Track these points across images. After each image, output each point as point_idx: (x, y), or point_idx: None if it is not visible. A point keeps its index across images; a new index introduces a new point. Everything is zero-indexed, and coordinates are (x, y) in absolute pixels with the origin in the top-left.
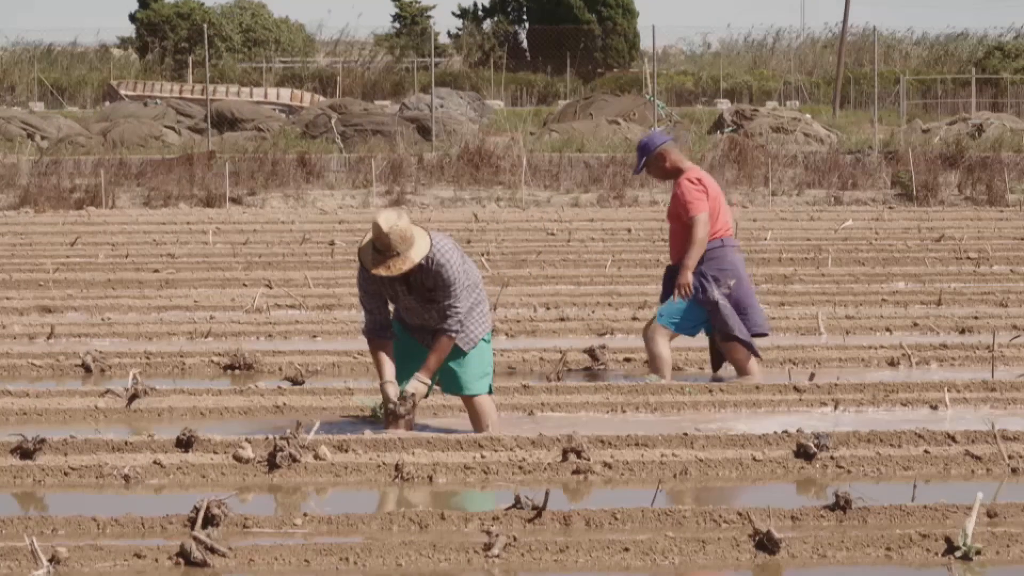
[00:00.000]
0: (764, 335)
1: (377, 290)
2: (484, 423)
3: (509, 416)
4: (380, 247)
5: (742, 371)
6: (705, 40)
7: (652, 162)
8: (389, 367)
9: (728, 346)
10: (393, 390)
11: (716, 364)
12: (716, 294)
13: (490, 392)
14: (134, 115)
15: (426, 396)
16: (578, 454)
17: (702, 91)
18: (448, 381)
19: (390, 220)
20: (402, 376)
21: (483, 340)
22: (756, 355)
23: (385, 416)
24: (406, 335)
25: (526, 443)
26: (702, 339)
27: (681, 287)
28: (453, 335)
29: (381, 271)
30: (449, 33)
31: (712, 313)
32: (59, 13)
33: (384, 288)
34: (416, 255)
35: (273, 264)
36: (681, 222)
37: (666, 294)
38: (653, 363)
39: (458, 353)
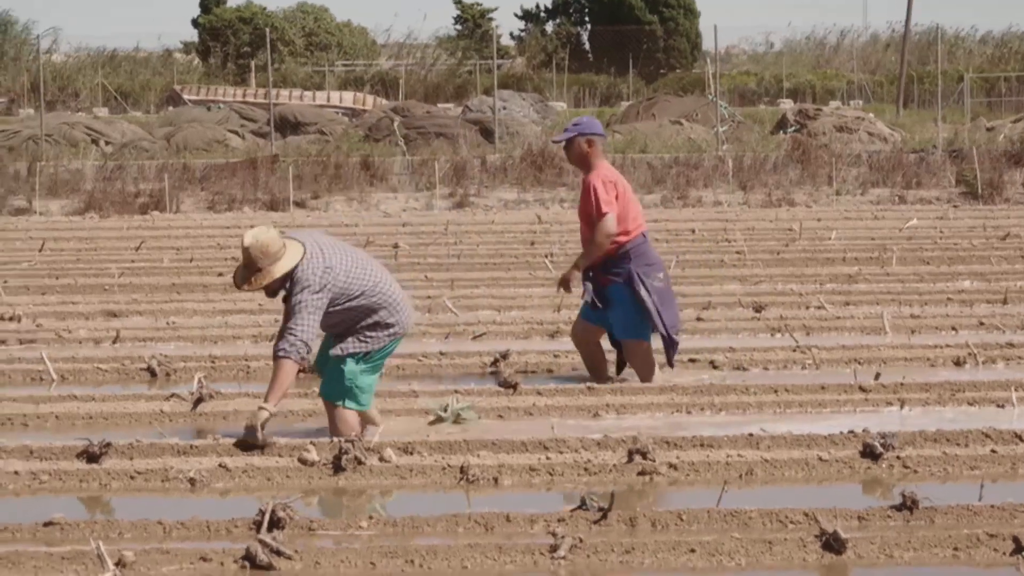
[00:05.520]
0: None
1: None
2: (331, 429)
3: (572, 418)
4: (245, 262)
5: (644, 377)
6: (767, 39)
7: (578, 143)
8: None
9: (629, 349)
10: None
11: (621, 365)
12: (643, 291)
13: (354, 407)
14: (197, 120)
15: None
16: (643, 455)
17: (765, 91)
18: None
19: (252, 235)
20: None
21: (351, 358)
22: (670, 359)
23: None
24: None
25: (591, 444)
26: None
27: (564, 282)
28: (279, 355)
29: (244, 287)
30: (512, 35)
31: (644, 310)
32: (122, 19)
33: None
34: (279, 270)
35: None
36: (591, 219)
37: (599, 296)
38: (646, 375)
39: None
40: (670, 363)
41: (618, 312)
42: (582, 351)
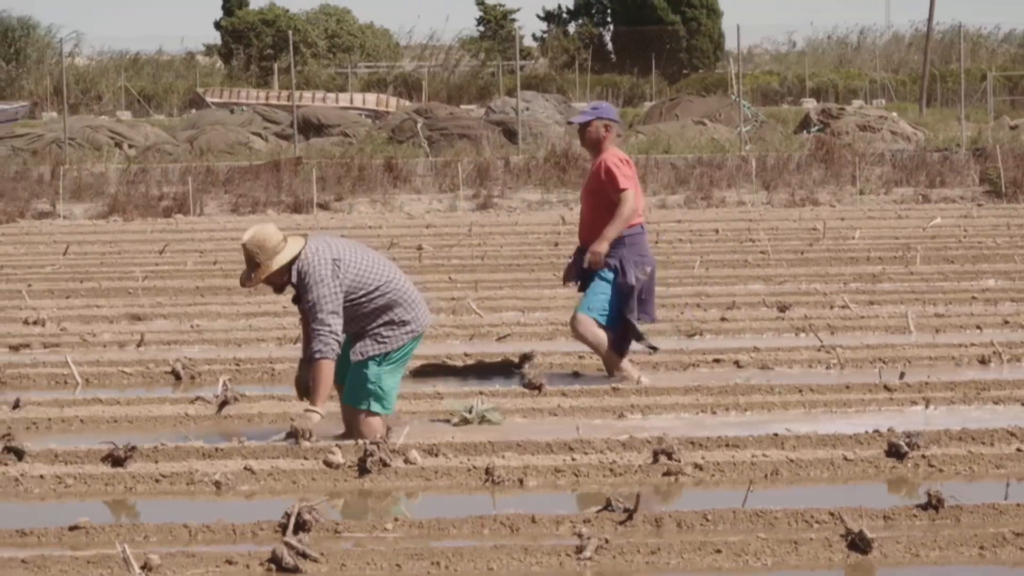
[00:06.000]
0: (651, 322)
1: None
2: (356, 434)
3: (598, 419)
4: (245, 260)
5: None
6: (790, 39)
7: (596, 126)
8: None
9: (582, 323)
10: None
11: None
12: (632, 279)
13: (379, 411)
14: (220, 122)
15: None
16: (669, 456)
17: (788, 90)
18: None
19: (249, 232)
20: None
21: (372, 361)
22: (640, 339)
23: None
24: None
25: (616, 445)
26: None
27: (594, 254)
28: (316, 357)
29: (247, 284)
30: (534, 36)
31: (624, 297)
32: (144, 22)
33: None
34: (277, 263)
35: None
36: (601, 198)
37: (582, 276)
38: (600, 350)
39: (349, 363)
40: (634, 338)
41: (594, 291)
42: (587, 341)
